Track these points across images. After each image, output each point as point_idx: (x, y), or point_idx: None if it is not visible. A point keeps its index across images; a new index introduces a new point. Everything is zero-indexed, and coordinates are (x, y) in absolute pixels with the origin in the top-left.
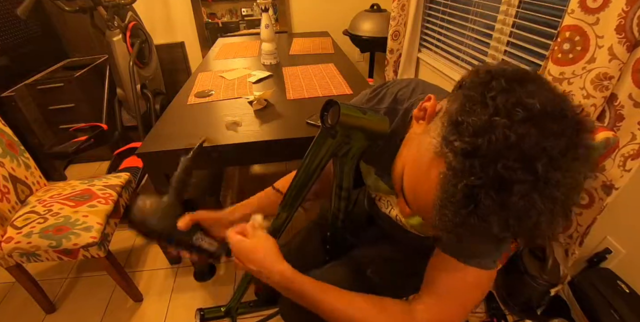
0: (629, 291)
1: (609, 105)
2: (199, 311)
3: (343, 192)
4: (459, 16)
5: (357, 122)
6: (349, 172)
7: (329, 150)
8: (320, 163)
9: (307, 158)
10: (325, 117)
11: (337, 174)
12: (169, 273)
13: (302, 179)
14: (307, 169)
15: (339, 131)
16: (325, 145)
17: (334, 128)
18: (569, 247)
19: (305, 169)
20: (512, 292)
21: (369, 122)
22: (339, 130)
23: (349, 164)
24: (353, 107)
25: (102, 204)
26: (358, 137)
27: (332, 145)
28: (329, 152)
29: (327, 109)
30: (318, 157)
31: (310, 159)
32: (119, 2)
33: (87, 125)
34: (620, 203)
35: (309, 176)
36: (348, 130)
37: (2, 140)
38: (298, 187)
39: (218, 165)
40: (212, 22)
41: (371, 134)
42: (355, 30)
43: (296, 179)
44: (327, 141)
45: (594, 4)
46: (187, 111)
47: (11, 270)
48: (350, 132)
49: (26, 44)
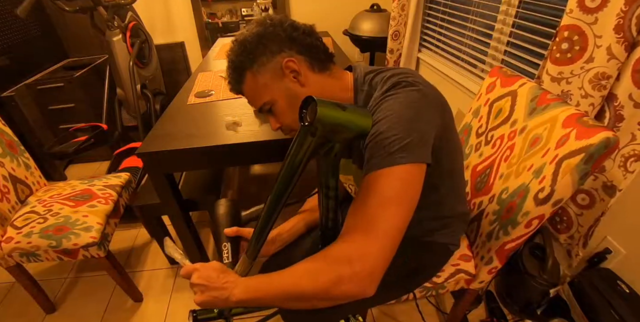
0: (629, 291)
1: (608, 106)
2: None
3: (330, 192)
4: (459, 16)
5: (336, 119)
6: (334, 170)
7: (309, 149)
8: (301, 162)
9: (288, 157)
10: (304, 114)
11: (321, 174)
12: (169, 273)
13: (284, 178)
14: (288, 168)
15: (318, 129)
16: (305, 143)
17: (312, 125)
18: (572, 249)
19: (287, 169)
20: (512, 292)
21: (350, 118)
22: (318, 127)
23: (332, 161)
24: (332, 104)
25: (102, 204)
26: (339, 133)
27: (313, 144)
28: (309, 150)
29: (305, 106)
30: (299, 156)
31: (292, 159)
32: (119, 2)
33: (87, 125)
34: (620, 203)
35: (290, 176)
36: (328, 127)
37: (2, 140)
38: (280, 186)
39: (218, 165)
40: (212, 22)
41: (353, 130)
42: (355, 30)
43: (278, 180)
44: (307, 140)
45: (593, 3)
46: (187, 111)
47: (11, 270)
48: (331, 129)
49: (26, 44)
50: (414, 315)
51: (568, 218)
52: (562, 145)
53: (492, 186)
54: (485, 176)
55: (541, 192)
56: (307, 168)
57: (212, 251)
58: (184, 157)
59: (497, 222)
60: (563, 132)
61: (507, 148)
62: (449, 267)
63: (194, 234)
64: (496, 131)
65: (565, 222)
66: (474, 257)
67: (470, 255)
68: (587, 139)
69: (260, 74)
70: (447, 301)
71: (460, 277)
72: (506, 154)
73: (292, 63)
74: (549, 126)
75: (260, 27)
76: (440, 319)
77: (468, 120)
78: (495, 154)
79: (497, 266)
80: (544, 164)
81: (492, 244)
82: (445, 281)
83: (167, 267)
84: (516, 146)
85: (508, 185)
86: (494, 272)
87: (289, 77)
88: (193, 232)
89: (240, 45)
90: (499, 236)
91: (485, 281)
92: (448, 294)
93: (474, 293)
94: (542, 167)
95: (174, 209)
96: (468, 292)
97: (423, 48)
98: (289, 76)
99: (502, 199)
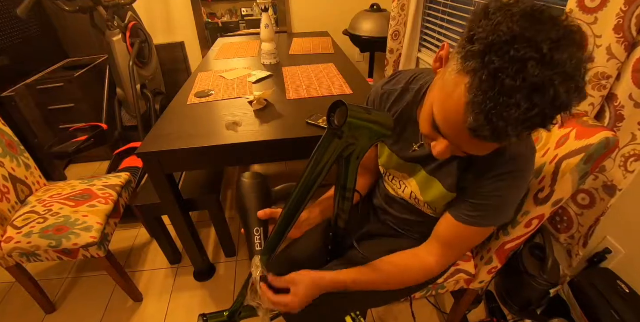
0: (629, 291)
1: (609, 106)
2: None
3: (347, 193)
4: (459, 16)
5: (363, 122)
6: (353, 172)
7: (335, 151)
8: (326, 165)
9: (313, 159)
10: (332, 118)
11: (341, 176)
12: (169, 273)
13: (308, 180)
14: (312, 170)
15: (345, 132)
16: (332, 146)
17: (340, 129)
18: (572, 248)
19: (311, 171)
20: (512, 292)
21: (375, 121)
22: (345, 131)
23: (354, 164)
24: (359, 108)
25: (102, 204)
26: (364, 137)
27: (339, 146)
28: (335, 153)
29: (334, 110)
30: (325, 158)
31: (316, 161)
32: (119, 2)
33: (87, 125)
34: (620, 203)
35: (315, 178)
36: (354, 130)
37: (2, 140)
38: (303, 189)
39: (218, 165)
40: (212, 22)
41: (376, 133)
42: (355, 30)
43: (302, 181)
44: (333, 142)
45: (592, 3)
46: (187, 111)
47: (11, 270)
48: (357, 132)
49: (26, 44)
50: (415, 315)
51: (569, 218)
52: (562, 146)
53: None
54: None
55: (541, 192)
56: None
57: (212, 251)
58: (184, 157)
59: None
60: (563, 132)
61: None
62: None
63: (194, 234)
64: None
65: (566, 222)
66: (474, 257)
67: (470, 255)
68: (587, 139)
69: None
70: (447, 301)
71: (460, 277)
72: None
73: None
74: None
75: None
76: (440, 319)
77: None
78: None
79: (497, 266)
80: (543, 164)
81: (492, 244)
82: (445, 281)
83: (167, 267)
84: None
85: None
86: (494, 272)
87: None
88: (193, 232)
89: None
90: (499, 236)
91: (485, 281)
92: (448, 294)
93: (474, 293)
94: (542, 168)
95: (174, 209)
96: (468, 292)
97: (423, 48)
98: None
99: None
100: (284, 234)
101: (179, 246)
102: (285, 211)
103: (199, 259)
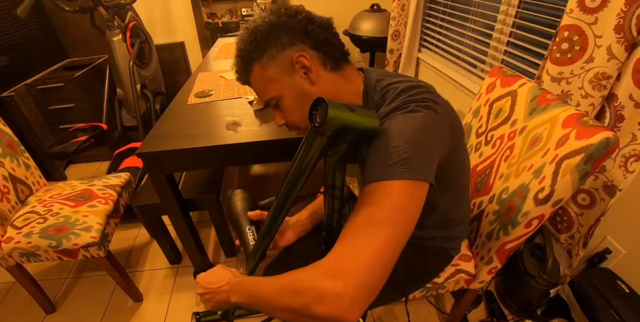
0: (629, 291)
1: (609, 106)
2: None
3: (336, 192)
4: (459, 16)
5: (345, 120)
6: (340, 170)
7: (318, 149)
8: (310, 162)
9: (297, 157)
10: (314, 115)
11: (328, 174)
12: (169, 273)
13: (292, 178)
14: (297, 169)
15: (327, 130)
16: (315, 144)
17: (322, 126)
18: (572, 248)
19: (296, 169)
20: (512, 292)
21: (358, 119)
22: (327, 128)
23: (340, 162)
24: (341, 105)
25: (102, 204)
26: (347, 135)
27: (322, 144)
28: (318, 150)
29: (315, 107)
30: (308, 156)
31: (301, 159)
32: (119, 2)
33: (87, 125)
34: (620, 203)
35: (299, 176)
36: (337, 128)
37: (2, 140)
38: (288, 186)
39: (218, 165)
40: (212, 22)
41: (361, 132)
42: (355, 30)
43: (287, 180)
44: (316, 140)
45: (593, 3)
46: (187, 111)
47: (11, 270)
48: (340, 130)
49: (26, 44)
50: (415, 315)
51: (569, 218)
52: (562, 146)
53: (492, 186)
54: (485, 176)
55: (541, 192)
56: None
57: (212, 251)
58: (184, 157)
59: (497, 222)
60: (563, 132)
61: (507, 148)
62: (449, 267)
63: (194, 234)
64: (496, 131)
65: (566, 222)
66: (474, 257)
67: (470, 255)
68: (587, 139)
69: (269, 67)
70: (447, 301)
71: (460, 278)
72: (506, 154)
73: (304, 59)
74: (549, 126)
75: (274, 16)
76: (440, 319)
77: (468, 121)
78: (495, 154)
79: (497, 266)
80: (544, 164)
81: (492, 244)
82: (445, 281)
83: (167, 267)
84: (516, 146)
85: (508, 185)
86: (494, 272)
87: (299, 73)
88: (193, 232)
89: (251, 33)
90: (499, 236)
91: (485, 281)
92: (448, 294)
93: (474, 293)
94: (542, 167)
95: (174, 209)
96: (468, 292)
97: (423, 48)
98: (299, 72)
99: (502, 199)
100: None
101: (179, 246)
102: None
103: (199, 259)
